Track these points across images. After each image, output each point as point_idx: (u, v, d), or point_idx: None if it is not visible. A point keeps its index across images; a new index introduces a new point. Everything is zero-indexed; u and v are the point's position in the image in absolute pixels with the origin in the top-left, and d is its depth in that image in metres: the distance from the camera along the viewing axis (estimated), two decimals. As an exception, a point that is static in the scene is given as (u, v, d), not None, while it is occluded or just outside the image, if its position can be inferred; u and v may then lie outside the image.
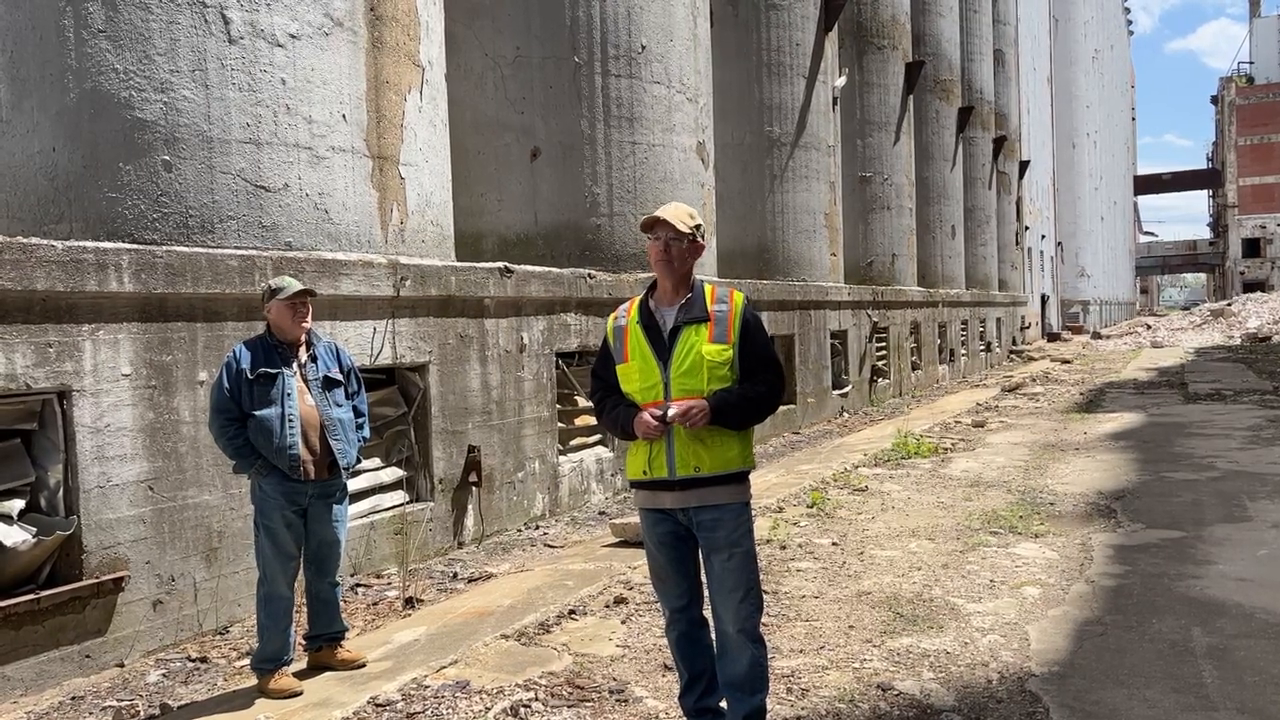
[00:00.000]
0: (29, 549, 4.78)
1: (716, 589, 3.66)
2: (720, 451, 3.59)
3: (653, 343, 3.64)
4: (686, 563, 3.74)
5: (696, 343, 3.59)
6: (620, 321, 3.78)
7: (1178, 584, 5.99)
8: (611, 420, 3.75)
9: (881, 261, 20.05)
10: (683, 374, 3.57)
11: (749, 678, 3.65)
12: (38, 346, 4.88)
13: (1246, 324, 39.01)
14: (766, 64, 15.34)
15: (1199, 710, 4.16)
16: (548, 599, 6.02)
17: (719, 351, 3.58)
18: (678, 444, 3.57)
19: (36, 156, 5.99)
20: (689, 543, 3.72)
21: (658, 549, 3.74)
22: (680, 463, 3.57)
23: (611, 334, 3.80)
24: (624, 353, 3.71)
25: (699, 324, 3.62)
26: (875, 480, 10.00)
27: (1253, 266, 74.91)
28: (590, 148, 10.04)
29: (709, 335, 3.59)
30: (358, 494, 6.70)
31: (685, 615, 3.77)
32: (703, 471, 3.57)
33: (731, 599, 3.62)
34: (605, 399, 3.81)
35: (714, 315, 3.63)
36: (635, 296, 3.87)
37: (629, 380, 3.69)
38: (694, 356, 3.57)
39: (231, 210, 6.13)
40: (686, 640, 3.78)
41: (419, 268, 7.15)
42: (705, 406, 3.51)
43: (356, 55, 6.83)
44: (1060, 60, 53.81)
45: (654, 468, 3.61)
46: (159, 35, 5.90)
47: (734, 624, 3.63)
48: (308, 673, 4.88)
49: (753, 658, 3.64)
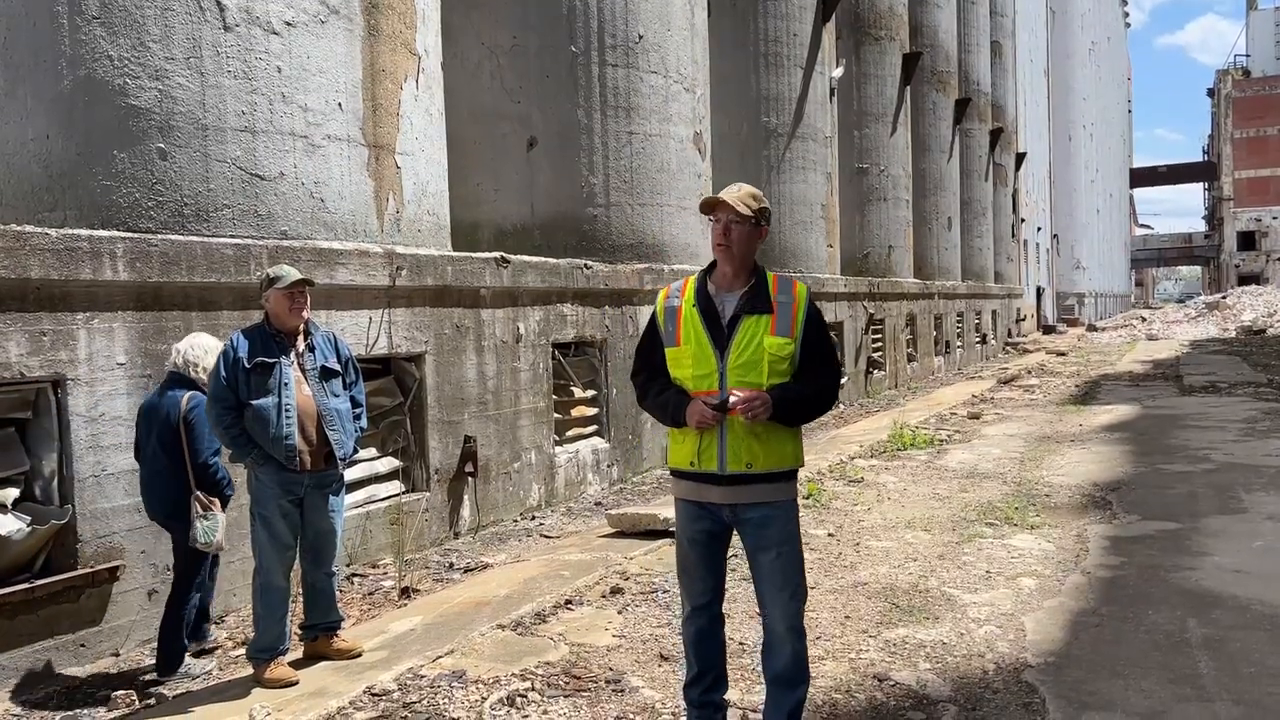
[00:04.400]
0: (24, 538, 4.76)
1: (766, 586, 3.54)
2: (775, 448, 3.44)
3: (710, 329, 3.44)
4: (717, 560, 3.62)
5: (759, 334, 3.41)
6: (673, 301, 3.56)
7: (1173, 575, 6.00)
8: (659, 405, 3.55)
9: (878, 253, 20.04)
10: (741, 365, 3.39)
11: (793, 671, 3.56)
12: (32, 335, 4.86)
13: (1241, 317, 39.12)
14: (764, 54, 15.30)
15: (1195, 701, 4.17)
16: (544, 589, 6.01)
17: (781, 345, 3.41)
18: (730, 437, 3.39)
19: (30, 144, 5.96)
20: (723, 540, 3.60)
21: (690, 544, 3.60)
22: (732, 457, 3.40)
23: (663, 314, 3.58)
24: (676, 336, 3.50)
25: (762, 314, 3.43)
26: (871, 472, 10.00)
27: (1248, 259, 75.03)
28: (587, 138, 10.00)
29: (772, 327, 3.41)
30: (354, 484, 6.68)
31: (706, 612, 3.64)
32: (755, 468, 3.41)
33: (781, 596, 3.51)
34: (650, 382, 3.61)
35: (777, 306, 3.44)
36: (689, 277, 3.64)
37: (680, 365, 3.50)
38: (755, 348, 3.39)
39: (227, 199, 6.10)
40: (704, 636, 3.66)
41: (415, 257, 7.13)
42: (769, 399, 3.33)
43: (352, 43, 6.79)
44: (1057, 52, 53.76)
45: (703, 460, 3.44)
46: (153, 22, 5.86)
47: (783, 621, 3.52)
48: (304, 662, 4.87)
49: (795, 652, 3.55)
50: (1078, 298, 55.29)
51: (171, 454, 4.75)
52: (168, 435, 4.75)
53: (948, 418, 14.43)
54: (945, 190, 25.32)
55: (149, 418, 4.85)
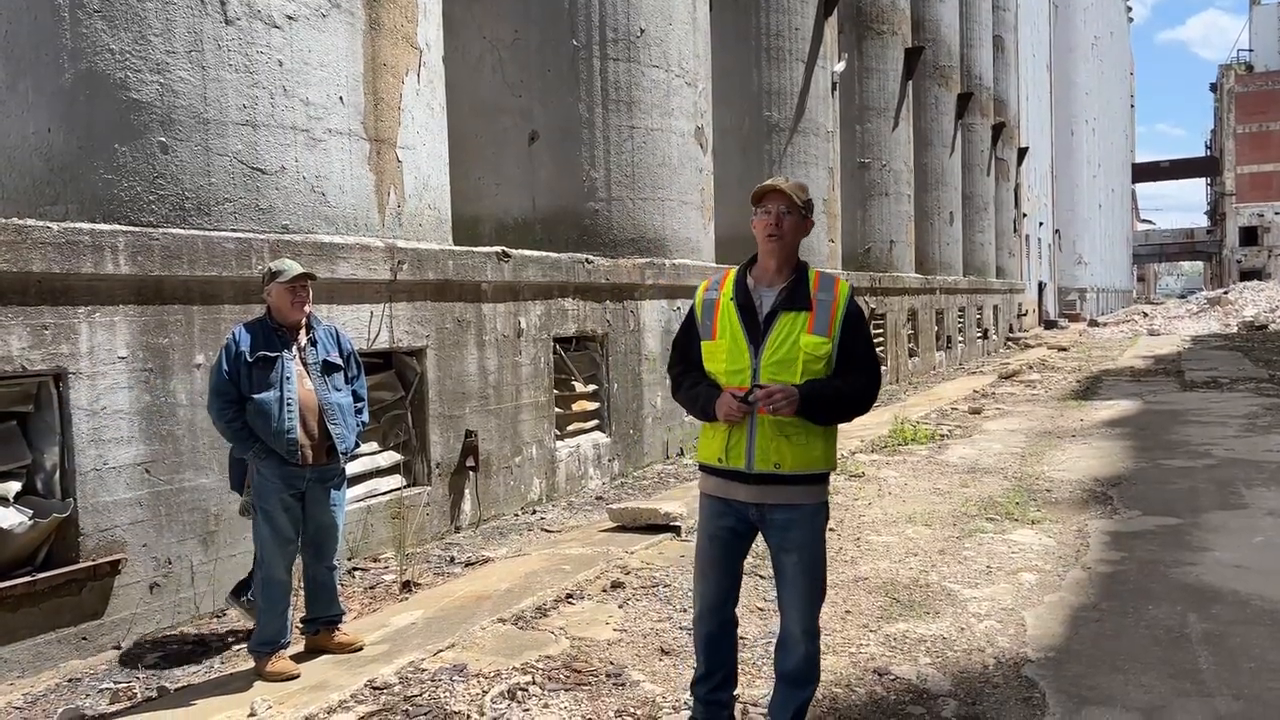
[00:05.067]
0: (25, 531, 4.77)
1: (787, 588, 3.51)
2: (804, 449, 3.38)
3: (746, 324, 3.39)
4: (735, 561, 3.59)
5: (795, 331, 3.35)
6: (712, 294, 3.52)
7: (1174, 570, 6.01)
8: (690, 398, 3.52)
9: (879, 248, 20.03)
10: (775, 362, 3.34)
11: (804, 671, 3.55)
12: (33, 329, 4.86)
13: (1243, 312, 39.08)
14: (766, 48, 15.28)
15: (1195, 696, 4.18)
16: (545, 583, 6.02)
17: (818, 344, 3.34)
18: (759, 435, 3.35)
19: (32, 138, 5.95)
20: (745, 541, 3.57)
21: (710, 541, 3.56)
22: (760, 456, 3.36)
23: (701, 307, 3.54)
24: (712, 329, 3.46)
25: (800, 311, 3.36)
26: (872, 467, 10.01)
27: (1250, 255, 74.90)
28: (588, 132, 9.99)
29: (809, 325, 3.35)
30: (355, 478, 6.69)
31: (719, 614, 3.62)
32: (783, 469, 3.36)
33: (801, 599, 3.48)
34: (684, 375, 3.57)
35: (816, 303, 3.37)
36: (730, 269, 3.58)
37: (714, 360, 3.46)
38: (790, 345, 3.34)
39: (228, 192, 6.10)
40: (714, 637, 3.64)
41: (416, 251, 7.13)
42: (794, 394, 3.26)
43: (354, 37, 6.79)
44: (1060, 47, 53.66)
45: (730, 456, 3.41)
46: (155, 15, 5.86)
47: (800, 623, 3.50)
48: (305, 656, 4.88)
49: (808, 653, 3.53)
50: (1079, 293, 55.25)
51: None
52: None
53: (949, 413, 14.43)
54: (947, 185, 25.29)
55: None
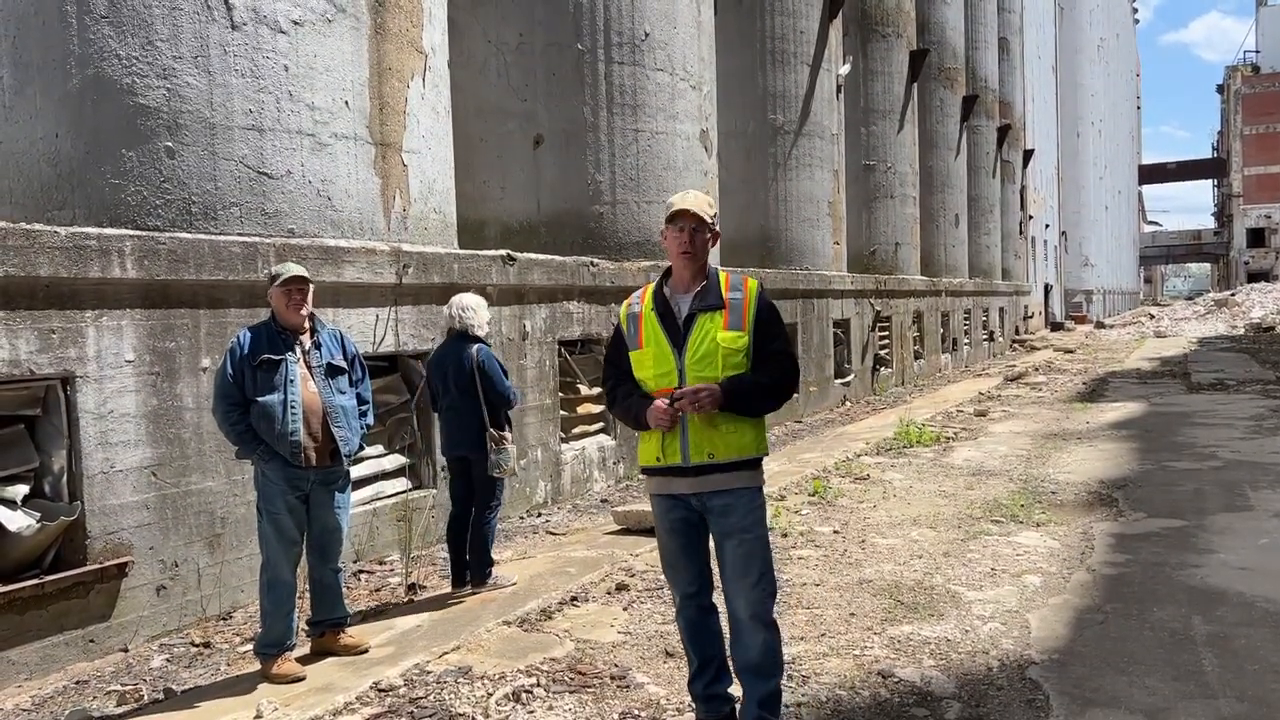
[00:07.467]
0: (33, 534, 4.80)
1: (729, 574, 3.65)
2: (734, 438, 3.58)
3: (667, 330, 3.62)
4: (698, 549, 3.75)
5: (711, 330, 3.57)
6: (634, 308, 3.75)
7: (1179, 573, 6.00)
8: (624, 410, 3.73)
9: (885, 250, 20.02)
10: (697, 361, 3.56)
11: (762, 662, 3.66)
12: (41, 332, 4.89)
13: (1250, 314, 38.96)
14: (770, 51, 15.28)
15: (1199, 698, 4.17)
16: (550, 586, 6.04)
17: (734, 339, 3.57)
18: (691, 431, 3.56)
19: (40, 143, 5.99)
20: (700, 529, 3.72)
21: (669, 535, 3.74)
22: (694, 449, 3.56)
23: (625, 321, 3.77)
24: (638, 339, 3.69)
25: (714, 311, 3.60)
26: (877, 469, 10.01)
27: (1257, 256, 74.63)
28: (593, 135, 10.01)
29: (724, 322, 3.58)
30: (360, 481, 6.72)
31: (695, 601, 3.77)
32: (716, 458, 3.56)
33: (744, 584, 3.63)
34: (617, 387, 3.79)
35: (729, 302, 3.61)
36: (649, 284, 3.83)
37: (643, 367, 3.68)
38: (709, 343, 3.56)
39: (234, 197, 6.13)
40: (696, 626, 3.79)
41: (421, 255, 7.15)
42: (716, 391, 3.49)
43: (359, 42, 6.81)
44: (1065, 48, 53.57)
45: (668, 454, 3.60)
46: (161, 21, 5.89)
47: (746, 609, 3.63)
48: (310, 658, 4.90)
49: (765, 642, 3.65)
50: (1086, 295, 55.12)
51: (468, 396, 5.76)
52: (464, 380, 5.78)
53: (954, 415, 14.42)
54: (952, 187, 25.27)
55: (440, 367, 5.89)
